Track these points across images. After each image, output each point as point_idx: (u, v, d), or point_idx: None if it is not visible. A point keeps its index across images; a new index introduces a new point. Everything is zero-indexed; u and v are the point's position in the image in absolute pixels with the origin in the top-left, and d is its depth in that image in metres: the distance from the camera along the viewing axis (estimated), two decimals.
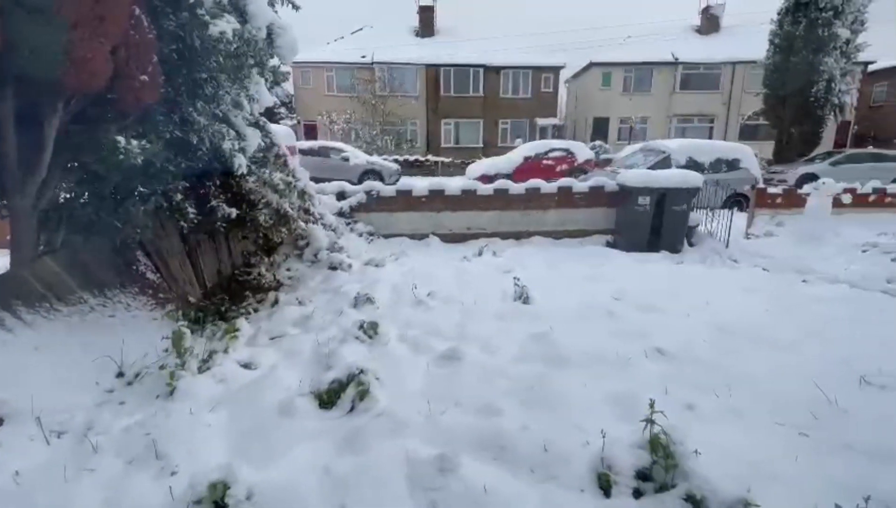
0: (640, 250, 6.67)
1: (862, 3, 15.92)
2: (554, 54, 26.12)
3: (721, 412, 2.65)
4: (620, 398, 2.74)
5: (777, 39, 17.27)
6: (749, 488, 2.04)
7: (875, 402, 2.76)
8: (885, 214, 7.72)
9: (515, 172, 14.12)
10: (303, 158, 13.77)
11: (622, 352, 3.32)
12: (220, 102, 3.90)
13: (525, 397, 2.76)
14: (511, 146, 19.71)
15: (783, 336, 3.63)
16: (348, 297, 4.34)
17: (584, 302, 4.38)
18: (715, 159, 9.69)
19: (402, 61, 24.49)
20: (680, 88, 25.69)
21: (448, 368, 3.09)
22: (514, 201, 7.29)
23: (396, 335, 3.58)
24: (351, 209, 6.75)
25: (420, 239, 6.94)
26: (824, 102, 16.63)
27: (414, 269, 5.36)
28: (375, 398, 2.70)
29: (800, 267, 5.73)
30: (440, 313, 4.02)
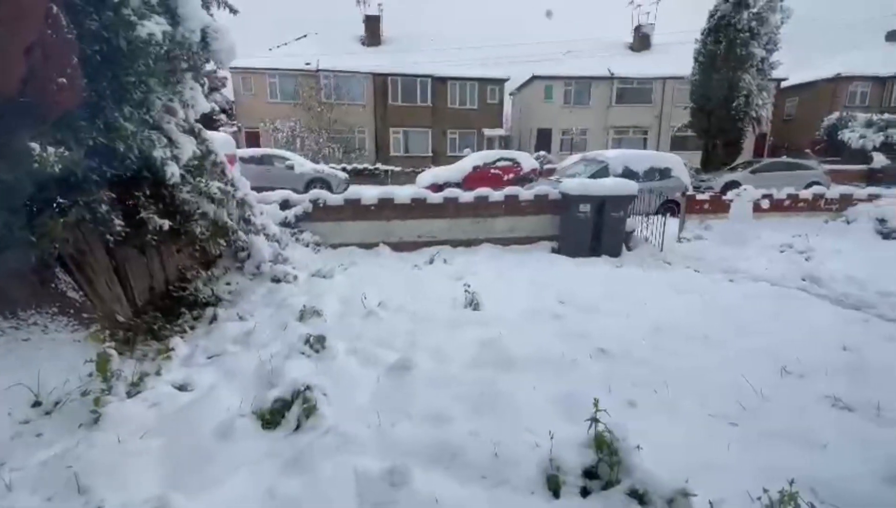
0: (583, 255, 6.93)
1: (774, 25, 17.57)
2: (498, 67, 26.83)
3: (659, 407, 2.79)
4: (567, 398, 2.81)
5: (701, 57, 18.70)
6: (687, 479, 2.15)
7: (795, 390, 3.01)
8: (798, 217, 8.51)
9: (465, 181, 14.33)
10: (244, 167, 13.26)
11: (568, 354, 3.42)
12: (151, 108, 3.67)
13: (476, 403, 2.77)
14: (460, 156, 20.00)
15: (713, 332, 3.89)
16: (293, 310, 4.19)
17: (532, 307, 4.49)
18: (648, 168, 10.29)
19: (349, 69, 24.26)
20: (616, 102, 27.15)
21: (399, 379, 3.04)
22: (464, 209, 7.37)
23: (345, 347, 3.49)
24: (296, 219, 6.55)
25: (370, 248, 6.85)
26: (744, 115, 18.14)
27: (364, 279, 5.28)
28: (322, 414, 2.61)
29: (727, 267, 6.19)
30: (391, 324, 3.96)
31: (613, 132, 27.57)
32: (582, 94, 27.24)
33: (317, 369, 3.15)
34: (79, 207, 3.23)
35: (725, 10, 17.76)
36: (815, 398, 2.89)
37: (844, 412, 2.76)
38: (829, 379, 3.09)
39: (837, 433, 2.52)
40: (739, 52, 17.37)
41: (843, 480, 2.19)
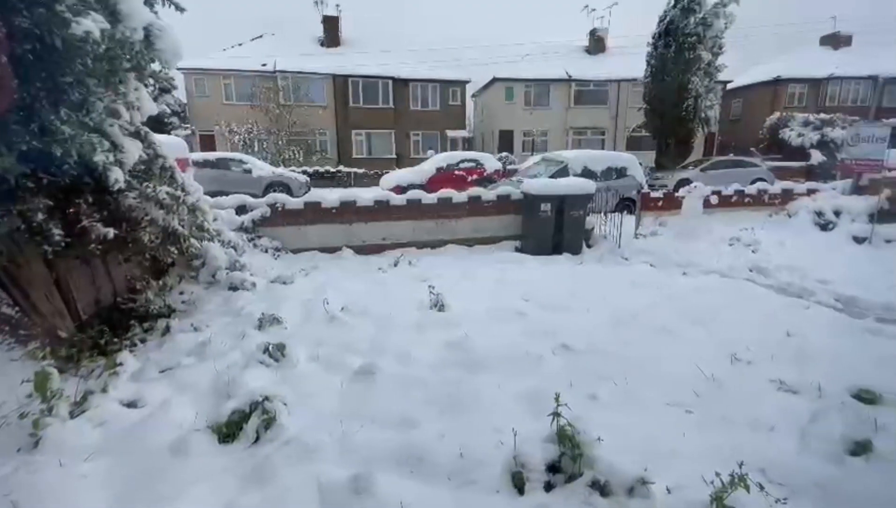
0: (545, 253, 7.05)
1: (719, 30, 18.46)
2: (459, 69, 27.00)
3: (620, 399, 2.86)
4: (532, 395, 2.84)
5: (653, 61, 19.45)
6: (646, 467, 2.22)
7: (744, 376, 3.16)
8: (745, 212, 8.98)
9: (429, 183, 14.30)
10: (199, 171, 12.72)
11: (532, 351, 3.47)
12: (91, 110, 3.46)
13: (442, 404, 2.76)
14: (424, 157, 19.96)
15: (669, 324, 4.03)
16: (252, 318, 4.05)
17: (497, 306, 4.52)
18: (606, 168, 10.61)
19: (308, 71, 23.78)
20: (574, 104, 27.82)
21: (363, 384, 3.00)
22: (428, 210, 7.35)
23: (307, 354, 3.41)
24: (254, 224, 6.35)
25: (332, 252, 6.72)
26: (693, 115, 18.96)
27: (326, 283, 5.17)
28: (283, 425, 2.53)
29: (680, 261, 6.46)
30: (355, 328, 3.90)
31: (573, 133, 28.24)
32: (542, 96, 27.76)
33: (277, 378, 3.06)
34: (12, 216, 3.02)
35: (674, 15, 18.54)
36: (763, 382, 3.05)
37: (789, 394, 2.92)
38: (775, 364, 3.26)
39: (783, 416, 2.67)
40: (688, 55, 18.16)
41: (789, 460, 2.32)
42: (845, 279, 5.38)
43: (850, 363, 3.32)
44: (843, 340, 3.78)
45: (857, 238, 7.56)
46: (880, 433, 2.48)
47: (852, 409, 2.72)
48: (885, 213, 8.02)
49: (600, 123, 28.22)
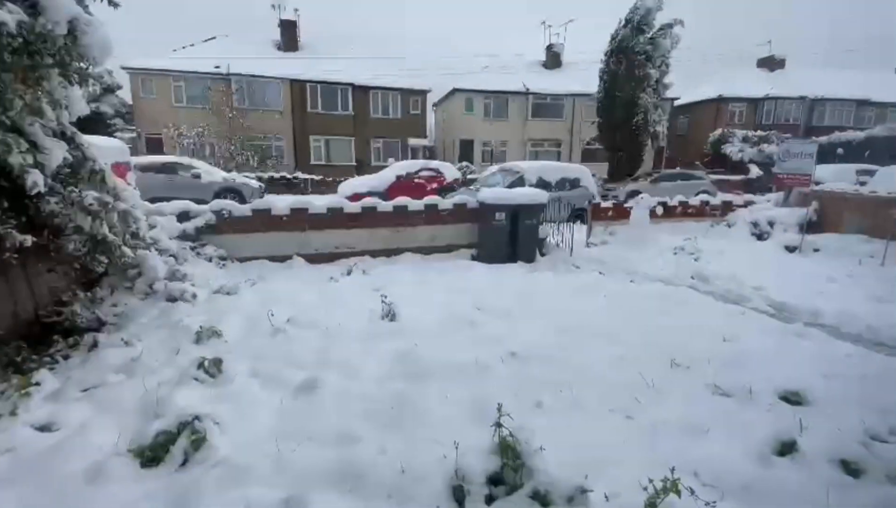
0: (500, 261, 7.11)
1: (666, 49, 19.47)
2: (420, 78, 27.11)
3: (564, 406, 2.89)
4: (478, 405, 2.82)
5: (605, 77, 20.26)
6: (586, 475, 2.23)
7: (682, 381, 3.26)
8: (689, 222, 9.43)
9: (389, 191, 14.21)
10: (143, 176, 12.09)
11: (481, 359, 3.45)
12: (9, 107, 3.19)
13: (386, 418, 2.69)
14: (384, 165, 19.81)
15: (614, 330, 4.13)
16: (190, 332, 3.83)
17: (449, 314, 4.50)
18: (560, 179, 10.89)
19: (264, 74, 23.19)
20: (532, 116, 28.53)
21: (304, 399, 2.88)
22: (383, 218, 7.27)
23: (247, 369, 3.25)
24: (197, 232, 6.04)
25: (282, 261, 6.49)
26: (643, 130, 19.86)
27: (273, 294, 4.98)
28: (213, 445, 2.39)
29: (628, 269, 6.67)
30: (300, 341, 3.76)
31: (531, 144, 28.92)
32: (500, 107, 28.31)
33: (211, 395, 2.89)
34: None
35: (625, 34, 19.42)
36: (700, 387, 3.16)
37: (723, 398, 3.04)
38: (712, 369, 3.39)
39: (717, 419, 2.76)
40: (637, 73, 19.04)
41: (721, 462, 2.39)
42: (777, 286, 5.71)
43: (779, 365, 3.51)
44: (773, 344, 3.99)
45: (789, 247, 8.08)
46: (804, 433, 2.61)
47: (779, 410, 2.87)
48: (813, 224, 8.63)
49: (557, 135, 29.05)
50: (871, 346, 4.17)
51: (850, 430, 2.62)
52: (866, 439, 2.55)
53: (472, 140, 28.35)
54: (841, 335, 4.43)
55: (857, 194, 8.77)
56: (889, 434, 2.65)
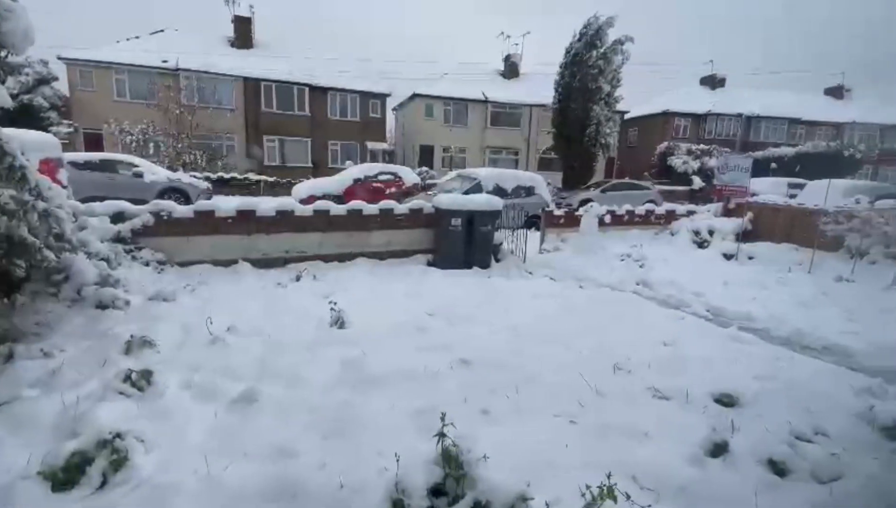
0: (456, 267, 7.11)
1: (617, 64, 20.31)
2: (379, 82, 26.93)
3: (511, 412, 2.89)
4: (424, 413, 2.76)
5: (560, 89, 20.88)
6: (529, 482, 2.22)
7: (625, 385, 3.35)
8: (635, 230, 9.83)
9: (345, 194, 13.94)
10: (78, 174, 11.29)
11: (430, 367, 3.41)
12: None
13: (328, 430, 2.59)
14: (342, 167, 19.46)
15: (562, 335, 4.20)
16: (119, 341, 3.56)
17: (401, 321, 4.43)
18: (516, 186, 11.09)
19: (216, 71, 22.28)
20: (490, 124, 28.99)
21: (241, 413, 2.72)
22: (337, 222, 7.10)
23: (179, 381, 3.04)
24: (133, 234, 5.66)
25: (227, 266, 6.18)
26: (595, 141, 20.59)
27: (215, 300, 4.73)
28: (136, 465, 2.21)
29: (578, 275, 6.85)
30: (240, 350, 3.57)
31: (490, 152, 29.34)
32: (460, 114, 28.58)
33: (137, 410, 2.68)
34: None
35: (579, 48, 20.11)
36: (641, 390, 3.25)
37: (662, 401, 3.14)
38: (652, 372, 3.51)
39: (656, 422, 2.85)
40: (590, 86, 19.75)
41: (658, 465, 2.45)
42: (715, 292, 6.03)
43: (715, 368, 3.68)
44: (710, 347, 4.18)
45: (727, 255, 8.56)
46: (736, 434, 2.74)
47: (714, 412, 2.99)
48: (748, 233, 9.21)
49: (514, 143, 29.64)
50: (797, 349, 4.45)
51: (778, 430, 2.77)
52: (792, 439, 2.70)
53: (433, 145, 28.43)
54: (771, 338, 4.71)
55: (787, 206, 9.44)
56: (813, 434, 2.81)
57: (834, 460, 2.52)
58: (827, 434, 2.79)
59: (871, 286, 6.59)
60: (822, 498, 2.27)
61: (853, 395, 3.31)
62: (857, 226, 7.73)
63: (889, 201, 8.57)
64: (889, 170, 31.22)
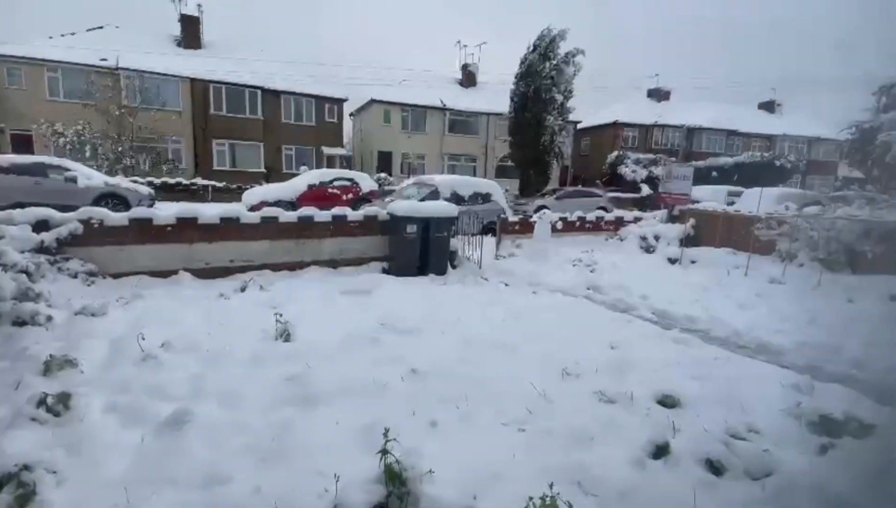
0: (411, 274, 7.04)
1: (569, 75, 21.00)
2: (336, 86, 26.54)
3: (459, 423, 2.85)
4: (371, 429, 2.66)
5: (515, 98, 21.37)
6: (475, 494, 2.19)
7: (572, 390, 3.38)
8: (586, 236, 10.13)
9: (299, 200, 13.59)
10: (1, 178, 10.44)
11: (379, 379, 3.32)
12: None
13: (265, 452, 2.45)
14: (297, 173, 18.97)
15: (514, 341, 4.22)
16: (37, 361, 3.25)
17: (350, 332, 4.30)
18: (473, 193, 11.17)
19: (161, 71, 21.23)
20: (449, 132, 29.21)
21: (171, 437, 2.53)
22: (287, 230, 6.87)
23: (103, 404, 2.81)
24: (60, 243, 5.23)
25: (166, 277, 5.83)
26: (550, 150, 21.17)
27: (149, 314, 4.43)
28: (45, 500, 2.01)
29: (532, 281, 6.96)
30: (174, 368, 3.35)
31: (448, 158, 29.52)
32: (419, 121, 28.63)
33: (52, 438, 2.44)
34: None
35: (533, 59, 20.67)
36: (588, 395, 3.29)
37: (608, 404, 3.20)
38: (599, 376, 3.57)
39: (602, 426, 2.88)
40: (544, 96, 20.32)
41: (602, 469, 2.47)
42: (660, 295, 6.26)
43: (658, 370, 3.79)
44: (654, 349, 4.32)
45: (671, 259, 8.96)
46: (677, 435, 2.82)
47: (656, 414, 3.07)
48: (691, 238, 9.67)
49: (472, 151, 29.97)
50: (735, 349, 4.68)
51: (715, 429, 2.88)
52: (727, 438, 2.81)
53: (391, 151, 28.30)
54: (711, 338, 4.94)
55: (725, 213, 10.00)
56: (747, 432, 2.94)
57: (765, 456, 2.63)
58: (759, 432, 2.92)
59: (800, 288, 7.07)
60: (755, 494, 2.35)
61: (783, 392, 3.50)
62: (786, 231, 8.29)
63: (814, 207, 9.26)
64: (816, 178, 33.94)
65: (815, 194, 14.26)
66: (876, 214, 8.34)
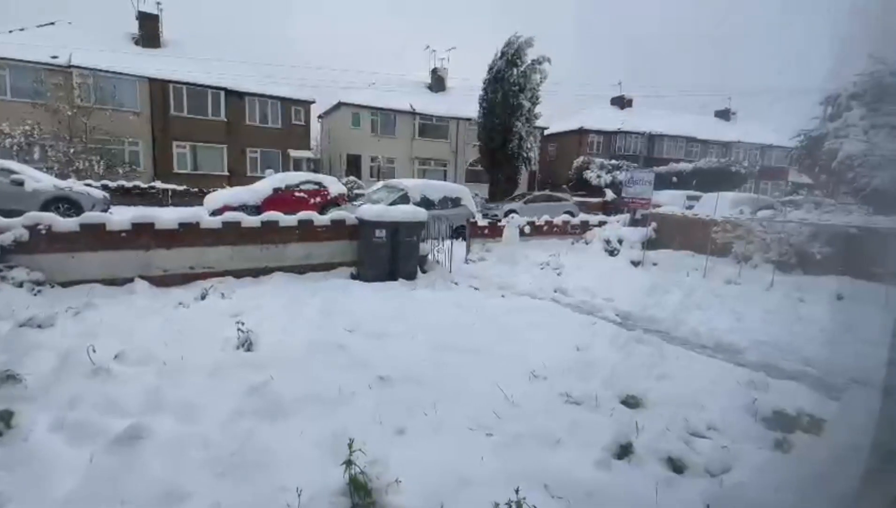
0: (381, 279, 6.97)
1: (536, 82, 21.36)
2: (303, 88, 26.15)
3: (427, 430, 2.82)
4: (336, 439, 2.61)
5: (484, 104, 21.58)
6: (442, 503, 2.17)
7: (539, 392, 3.42)
8: (554, 239, 10.33)
9: (264, 204, 13.24)
10: None
11: (346, 387, 3.26)
12: None
13: (225, 466, 2.36)
14: (262, 176, 18.52)
15: (482, 345, 4.24)
16: None
17: (317, 339, 4.22)
18: (443, 197, 11.20)
19: (117, 70, 20.35)
20: (419, 136, 29.21)
21: (122, 454, 2.40)
22: (250, 235, 6.67)
23: (49, 421, 2.64)
24: (3, 251, 4.91)
25: (121, 285, 5.55)
26: (518, 155, 21.46)
27: (101, 325, 4.21)
28: None
29: (501, 284, 7.02)
30: (128, 381, 3.19)
31: (418, 163, 29.50)
32: (388, 124, 28.51)
33: None
34: None
35: (500, 65, 20.93)
36: (554, 397, 3.34)
37: (574, 406, 3.25)
38: (566, 378, 3.63)
39: (568, 428, 2.92)
40: (512, 102, 20.60)
41: (568, 471, 2.51)
42: (623, 297, 6.43)
43: (622, 371, 3.87)
44: (618, 350, 4.43)
45: (634, 262, 9.23)
46: (640, 435, 2.88)
47: (620, 414, 3.14)
48: (653, 241, 9.99)
49: (442, 155, 30.07)
50: (694, 348, 4.85)
51: (676, 428, 2.97)
52: (687, 436, 2.90)
53: (360, 155, 28.06)
54: (671, 338, 5.10)
55: (684, 217, 10.39)
56: (706, 429, 3.04)
57: (724, 453, 2.74)
58: (717, 429, 3.03)
59: (755, 288, 7.41)
60: (715, 491, 2.43)
61: (739, 389, 3.65)
62: (741, 234, 8.69)
63: (767, 211, 9.75)
64: (768, 183, 35.75)
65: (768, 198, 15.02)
66: (824, 217, 8.85)
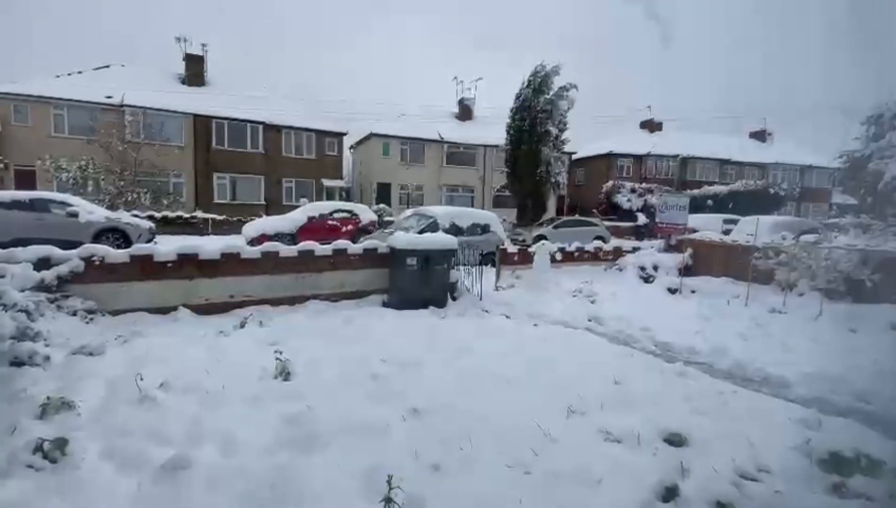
0: (412, 307, 7.01)
1: (563, 109, 21.52)
2: (336, 121, 27.14)
3: (463, 465, 2.78)
4: (373, 473, 2.62)
5: (511, 131, 21.85)
6: None
7: (577, 428, 3.33)
8: (585, 266, 10.17)
9: (299, 232, 13.70)
10: (2, 214, 10.52)
11: (381, 419, 3.27)
12: None
13: (263, 499, 2.39)
14: (297, 205, 19.15)
15: (516, 375, 4.18)
16: (33, 404, 3.21)
17: (351, 369, 4.26)
18: (471, 224, 11.27)
19: (165, 108, 21.72)
20: (447, 163, 29.72)
21: (168, 483, 2.47)
22: (286, 264, 6.88)
23: (100, 449, 2.75)
24: (60, 281, 5.23)
25: (166, 313, 5.80)
26: (546, 181, 21.48)
27: (148, 353, 4.38)
28: None
29: (532, 312, 6.93)
30: (172, 410, 3.29)
31: (446, 189, 29.91)
32: (417, 153, 29.16)
33: (47, 486, 2.39)
34: None
35: (527, 94, 21.24)
36: (593, 434, 3.24)
37: (614, 444, 3.14)
38: (604, 414, 3.52)
39: (609, 467, 2.82)
40: (539, 129, 20.78)
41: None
42: (661, 327, 6.24)
43: (663, 406, 3.74)
44: (658, 384, 4.27)
45: (671, 289, 8.96)
46: (686, 476, 2.75)
47: (664, 454, 3.01)
48: (689, 268, 9.70)
49: (469, 182, 30.40)
50: (739, 381, 4.63)
51: (724, 469, 2.82)
52: (737, 478, 2.75)
53: (390, 183, 28.67)
54: (714, 371, 4.89)
55: (722, 243, 10.07)
56: (757, 471, 2.88)
57: (777, 498, 2.58)
58: (769, 471, 2.86)
59: (801, 317, 7.05)
60: None
61: (791, 427, 3.45)
62: (784, 261, 8.34)
63: (811, 236, 9.35)
64: (809, 205, 34.35)
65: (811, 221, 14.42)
66: (872, 242, 8.42)
